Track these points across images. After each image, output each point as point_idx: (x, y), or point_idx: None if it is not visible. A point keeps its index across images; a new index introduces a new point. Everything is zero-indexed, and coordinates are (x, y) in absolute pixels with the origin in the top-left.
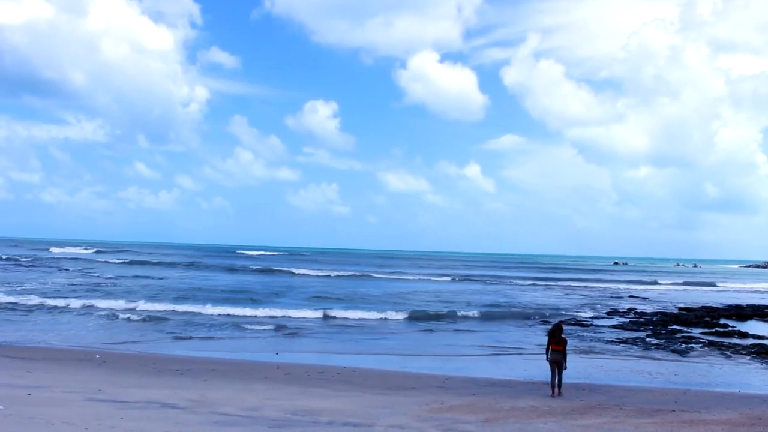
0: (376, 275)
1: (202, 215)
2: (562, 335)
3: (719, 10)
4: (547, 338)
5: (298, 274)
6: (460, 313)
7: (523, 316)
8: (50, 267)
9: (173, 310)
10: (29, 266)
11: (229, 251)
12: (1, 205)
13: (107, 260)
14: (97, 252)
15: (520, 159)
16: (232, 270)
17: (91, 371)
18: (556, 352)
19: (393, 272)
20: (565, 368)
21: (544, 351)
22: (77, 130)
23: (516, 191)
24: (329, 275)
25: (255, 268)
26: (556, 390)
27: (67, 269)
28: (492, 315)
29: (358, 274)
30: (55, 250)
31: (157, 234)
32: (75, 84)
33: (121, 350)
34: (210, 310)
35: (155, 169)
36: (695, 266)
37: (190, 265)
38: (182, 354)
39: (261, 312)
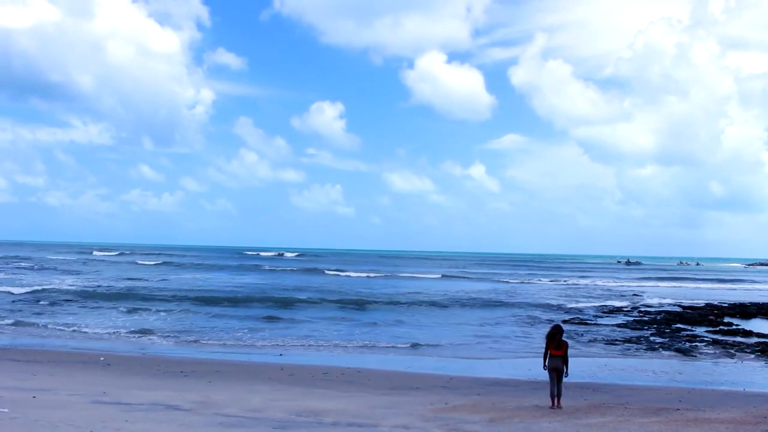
0: (402, 274)
1: (206, 217)
2: (562, 338)
3: (731, 7)
4: (545, 342)
5: (344, 275)
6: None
7: (526, 313)
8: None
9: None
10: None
11: (238, 252)
12: (5, 208)
13: (159, 263)
14: (120, 254)
15: (525, 159)
16: (283, 271)
17: (96, 374)
18: (556, 358)
19: (419, 271)
20: (566, 375)
21: (542, 357)
22: (82, 133)
23: (520, 191)
24: (387, 275)
25: (295, 268)
26: (556, 401)
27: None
28: (494, 309)
29: (389, 274)
30: (97, 253)
31: (160, 236)
32: (81, 87)
33: (126, 353)
34: None
35: (160, 172)
36: (698, 264)
37: (236, 267)
38: (186, 356)
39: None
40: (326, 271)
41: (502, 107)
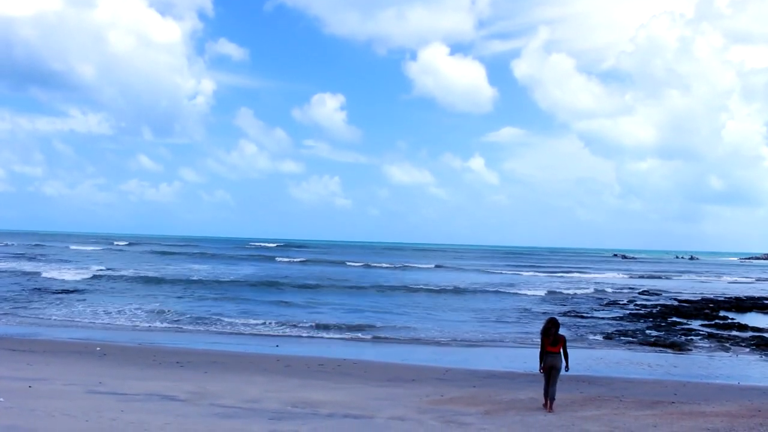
0: (416, 265)
1: (203, 208)
2: (559, 332)
3: (737, 1)
4: (540, 338)
5: (372, 266)
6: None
7: (520, 305)
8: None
9: None
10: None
11: (241, 243)
12: (2, 197)
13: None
14: (130, 244)
15: (525, 152)
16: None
17: (92, 363)
18: (553, 356)
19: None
20: (567, 369)
21: (538, 355)
22: (82, 123)
23: (520, 184)
24: (404, 266)
25: (301, 260)
26: (549, 404)
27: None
28: (489, 300)
29: (398, 265)
30: (118, 243)
31: (156, 226)
32: (82, 76)
33: (122, 342)
34: None
35: (159, 162)
36: (692, 258)
37: (247, 257)
38: (183, 346)
39: None
40: (348, 263)
41: (504, 100)
